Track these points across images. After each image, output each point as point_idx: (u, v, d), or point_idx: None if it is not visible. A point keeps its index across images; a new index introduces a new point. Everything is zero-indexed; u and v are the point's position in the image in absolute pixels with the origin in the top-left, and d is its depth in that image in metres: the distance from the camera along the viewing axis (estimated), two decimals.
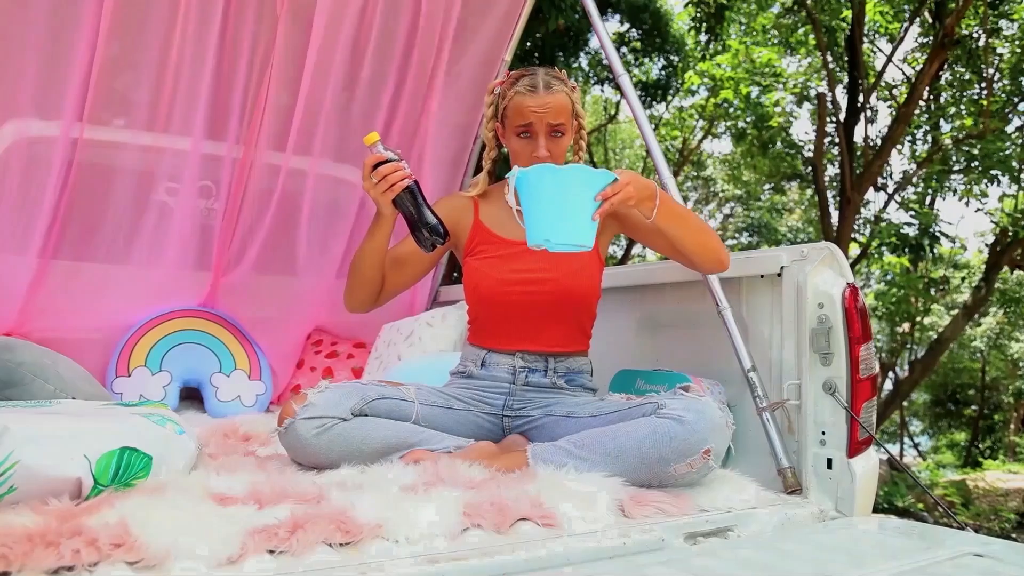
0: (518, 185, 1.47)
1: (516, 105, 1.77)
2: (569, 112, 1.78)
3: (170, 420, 1.49)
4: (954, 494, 8.74)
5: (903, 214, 9.04)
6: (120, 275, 2.63)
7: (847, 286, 1.70)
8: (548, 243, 1.47)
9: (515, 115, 1.77)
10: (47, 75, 2.40)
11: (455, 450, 1.69)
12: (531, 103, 1.74)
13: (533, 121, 1.75)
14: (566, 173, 1.46)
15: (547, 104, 1.74)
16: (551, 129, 1.76)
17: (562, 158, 1.79)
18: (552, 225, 1.46)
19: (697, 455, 1.50)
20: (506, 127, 1.83)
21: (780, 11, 9.11)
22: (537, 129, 1.75)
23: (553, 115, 1.74)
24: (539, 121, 1.74)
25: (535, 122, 1.75)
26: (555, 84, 1.77)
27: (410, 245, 1.84)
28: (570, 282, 1.80)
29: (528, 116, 1.75)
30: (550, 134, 1.76)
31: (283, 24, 2.62)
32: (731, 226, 15.47)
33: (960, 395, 14.40)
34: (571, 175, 1.46)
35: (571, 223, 1.46)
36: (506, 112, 1.81)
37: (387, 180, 1.66)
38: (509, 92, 1.79)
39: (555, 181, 1.45)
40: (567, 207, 1.46)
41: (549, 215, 1.46)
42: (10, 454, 1.15)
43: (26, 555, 0.97)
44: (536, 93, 1.75)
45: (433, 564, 1.12)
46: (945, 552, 1.28)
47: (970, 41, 7.75)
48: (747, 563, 1.20)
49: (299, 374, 2.93)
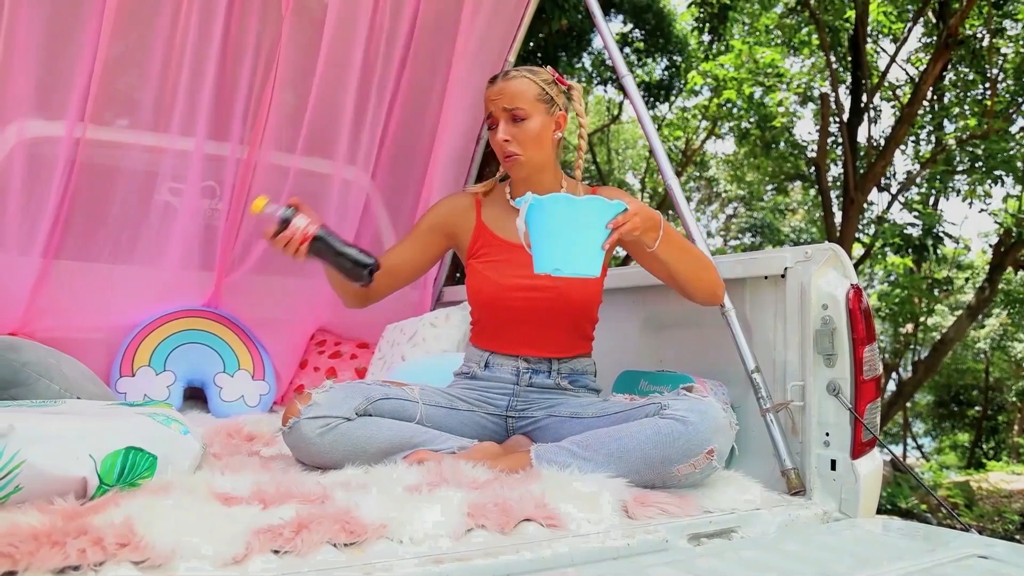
0: (529, 212, 1.46)
1: (484, 99, 1.83)
2: (530, 96, 1.77)
3: (175, 420, 1.50)
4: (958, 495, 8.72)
5: (907, 214, 9.03)
6: (124, 275, 2.64)
7: (851, 287, 1.69)
8: (557, 271, 1.46)
9: (485, 108, 1.83)
10: (51, 75, 2.41)
11: (459, 450, 1.69)
12: (488, 93, 1.80)
13: (492, 110, 1.79)
14: (580, 205, 1.45)
15: (501, 90, 1.77)
16: (509, 115, 1.76)
17: (529, 143, 1.78)
18: (563, 255, 1.46)
19: (700, 455, 1.50)
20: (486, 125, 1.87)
21: (783, 11, 9.11)
22: (496, 116, 1.78)
23: (508, 99, 1.76)
24: (496, 108, 1.78)
25: (493, 110, 1.78)
26: (514, 72, 1.80)
27: (402, 254, 1.90)
28: (572, 289, 1.80)
29: (488, 106, 1.80)
30: (510, 120, 1.77)
31: (288, 24, 2.63)
32: (734, 227, 15.46)
33: (964, 396, 14.37)
34: (585, 207, 1.45)
35: (581, 253, 1.46)
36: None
37: (290, 247, 1.66)
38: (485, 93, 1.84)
39: (569, 212, 1.44)
40: (578, 237, 1.45)
41: (560, 245, 1.45)
42: (16, 453, 1.15)
43: (32, 554, 0.97)
44: (494, 83, 1.80)
45: (437, 564, 1.12)
46: (949, 554, 1.28)
47: (974, 41, 7.74)
48: (751, 564, 1.20)
49: (302, 374, 2.93)
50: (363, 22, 2.76)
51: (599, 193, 1.85)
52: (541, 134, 1.79)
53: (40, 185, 2.45)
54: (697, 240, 1.92)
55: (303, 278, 2.90)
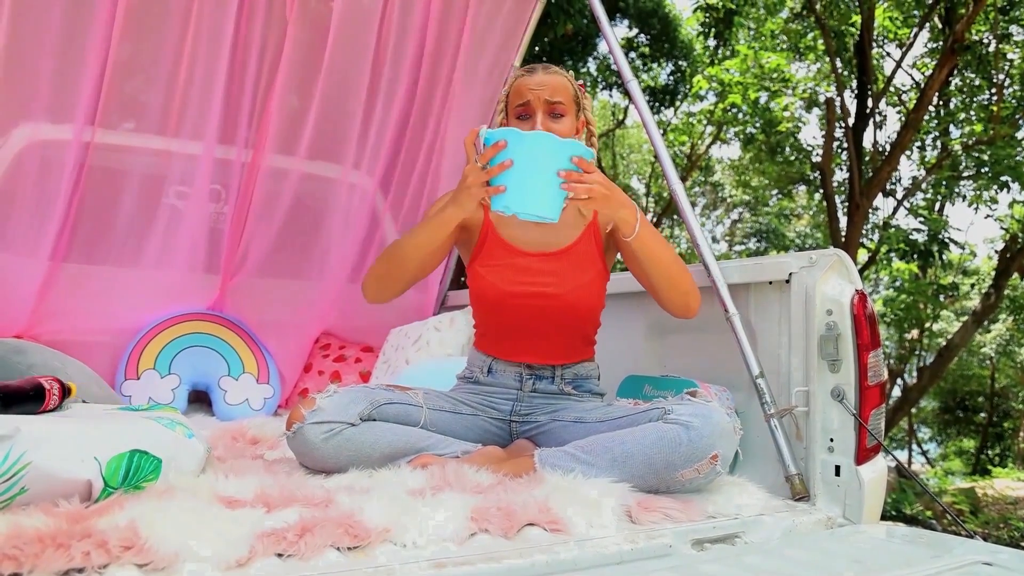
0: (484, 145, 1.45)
1: (516, 88, 1.77)
2: (569, 94, 1.76)
3: (179, 424, 1.50)
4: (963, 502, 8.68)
5: (912, 220, 9.01)
6: (130, 278, 2.65)
7: (856, 293, 1.69)
8: (507, 209, 1.44)
9: (515, 97, 1.77)
10: (60, 79, 2.42)
11: (463, 455, 1.69)
12: (528, 81, 1.75)
13: (530, 99, 1.73)
14: (532, 137, 1.44)
15: (544, 82, 1.73)
16: (549, 108, 1.73)
17: None
18: (513, 191, 1.44)
19: (704, 460, 1.49)
20: (508, 115, 1.80)
21: (789, 16, 9.11)
22: (535, 107, 1.73)
23: (550, 92, 1.72)
24: (536, 99, 1.72)
25: (532, 100, 1.73)
26: (554, 68, 1.78)
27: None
28: (574, 296, 1.79)
29: (525, 94, 1.73)
30: (549, 113, 1.73)
31: (292, 28, 2.64)
32: (739, 231, 15.45)
33: (969, 402, 14.31)
34: (537, 139, 1.44)
35: (534, 191, 1.44)
36: (508, 100, 1.80)
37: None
38: (512, 81, 1.81)
39: (519, 144, 1.42)
40: (530, 173, 1.43)
41: (511, 180, 1.44)
42: (22, 455, 1.15)
43: (37, 556, 0.98)
44: (534, 74, 1.76)
45: (441, 568, 1.12)
46: (954, 560, 1.27)
47: (980, 47, 7.72)
48: (754, 570, 1.20)
49: (307, 378, 2.94)
50: (370, 28, 2.77)
51: None
52: (569, 135, 1.76)
53: (48, 188, 2.46)
54: (701, 244, 1.92)
55: (308, 282, 2.91)
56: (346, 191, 2.91)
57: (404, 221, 3.14)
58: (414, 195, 3.12)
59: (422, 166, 3.09)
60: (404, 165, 3.08)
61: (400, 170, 3.08)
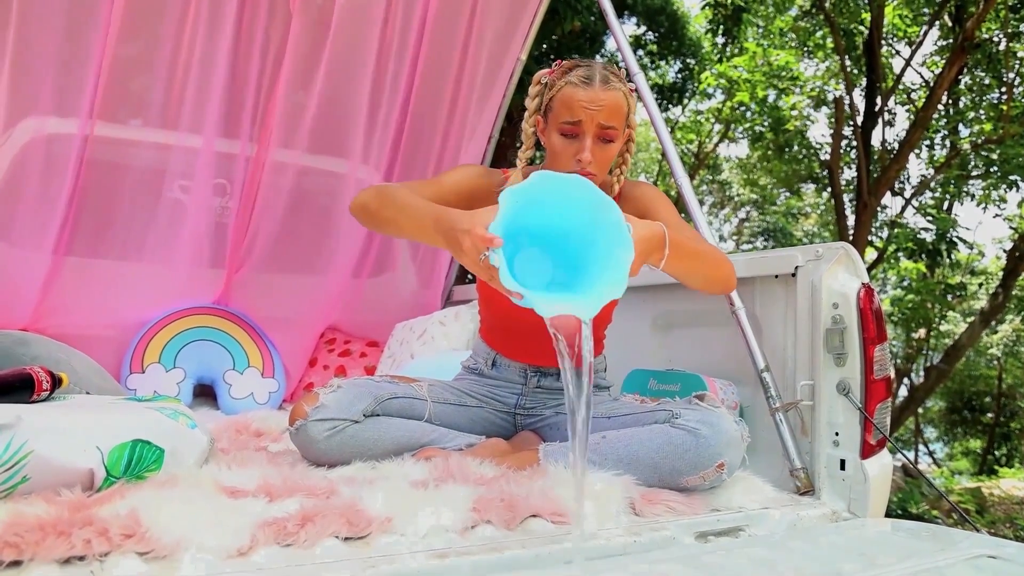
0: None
1: (565, 97, 1.54)
2: (624, 116, 1.57)
3: (183, 414, 1.50)
4: (969, 501, 8.64)
5: (920, 219, 8.98)
6: (134, 272, 2.65)
7: (862, 286, 1.68)
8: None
9: (562, 108, 1.54)
10: (63, 73, 2.43)
11: (467, 448, 1.68)
12: (583, 96, 1.52)
13: (583, 118, 1.52)
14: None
15: (601, 101, 1.52)
16: (601, 131, 1.54)
17: (605, 166, 1.59)
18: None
19: (710, 468, 1.47)
20: (549, 122, 1.59)
21: (798, 14, 9.07)
22: (586, 128, 1.53)
23: (606, 115, 1.53)
24: (589, 120, 1.52)
25: (584, 120, 1.52)
26: (613, 80, 1.55)
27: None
28: None
29: (577, 112, 1.52)
30: (599, 137, 1.55)
31: (296, 22, 2.64)
32: (746, 230, 15.41)
33: (976, 402, 14.24)
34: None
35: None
36: (552, 104, 1.57)
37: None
38: (559, 82, 1.56)
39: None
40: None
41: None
42: (24, 444, 1.15)
43: (37, 544, 0.97)
44: (591, 86, 1.53)
45: (442, 559, 1.11)
46: (959, 553, 1.26)
47: (990, 45, 7.68)
48: (759, 561, 1.19)
49: (312, 372, 2.94)
50: (375, 22, 2.77)
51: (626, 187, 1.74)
52: (613, 158, 1.61)
53: (51, 182, 2.47)
54: (707, 239, 1.90)
55: (313, 276, 2.91)
56: (351, 185, 2.90)
57: None
58: None
59: (427, 160, 3.09)
60: (409, 159, 3.08)
61: (405, 164, 3.08)
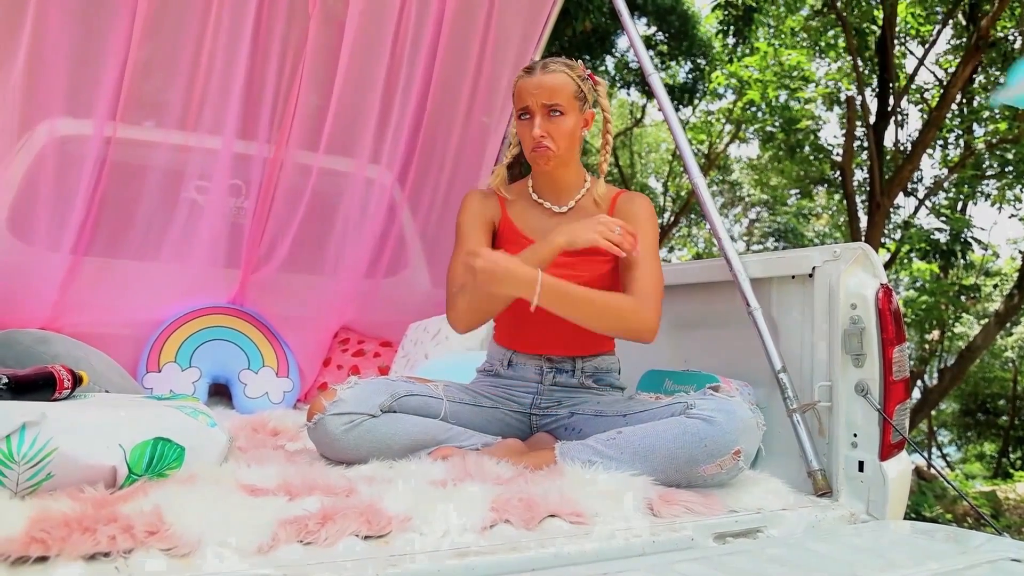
0: None
1: (517, 89, 1.78)
2: (568, 93, 1.75)
3: (202, 413, 1.51)
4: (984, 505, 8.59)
5: (934, 219, 8.92)
6: (151, 272, 2.67)
7: (880, 287, 1.67)
8: None
9: (516, 99, 1.79)
10: (82, 75, 2.45)
11: (483, 447, 1.69)
12: (527, 83, 1.75)
13: (529, 103, 1.74)
14: None
15: (541, 83, 1.73)
16: (547, 109, 1.73)
17: (562, 139, 1.76)
18: None
19: (727, 456, 1.48)
20: (513, 115, 1.84)
21: (809, 13, 9.03)
22: (533, 109, 1.74)
23: (547, 94, 1.73)
24: (534, 102, 1.74)
25: (530, 103, 1.74)
26: (553, 66, 1.76)
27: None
28: (592, 286, 1.78)
29: (525, 98, 1.75)
30: (547, 114, 1.74)
31: (315, 24, 2.65)
32: (757, 231, 15.36)
33: (990, 405, 14.13)
34: None
35: None
36: (514, 100, 1.81)
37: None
38: (516, 81, 1.80)
39: None
40: None
41: None
42: (48, 441, 1.17)
43: (64, 540, 0.99)
44: (532, 74, 1.76)
45: (462, 558, 1.12)
46: (980, 556, 1.25)
47: (1005, 43, 7.63)
48: (778, 561, 1.19)
49: (326, 372, 2.95)
50: (389, 22, 2.78)
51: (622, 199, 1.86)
52: (573, 131, 1.77)
53: (70, 183, 2.49)
54: (723, 238, 1.90)
55: (327, 276, 2.92)
56: (365, 186, 2.91)
57: (421, 215, 3.15)
58: (432, 190, 3.13)
59: (441, 161, 3.10)
60: (425, 160, 3.09)
61: (421, 165, 3.08)
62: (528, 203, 1.87)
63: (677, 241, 15.34)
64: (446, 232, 3.13)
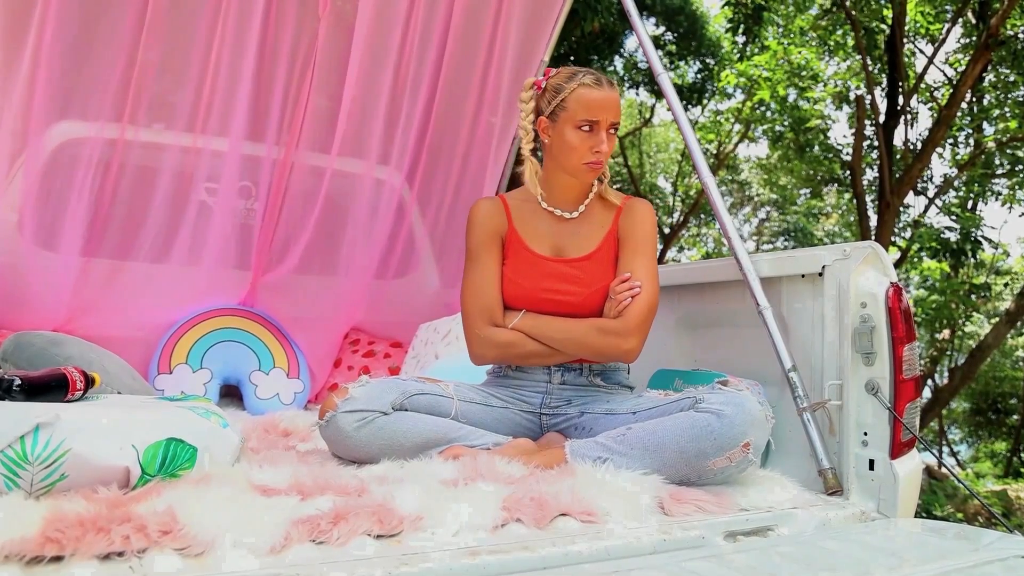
0: None
1: (582, 98, 1.75)
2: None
3: (214, 413, 1.52)
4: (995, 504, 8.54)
5: (944, 218, 8.88)
6: (161, 274, 2.68)
7: (891, 285, 1.67)
8: None
9: (579, 107, 1.75)
10: (92, 79, 2.46)
11: (493, 447, 1.69)
12: (598, 96, 1.75)
13: (600, 118, 1.76)
14: None
15: (612, 100, 1.77)
16: (611, 127, 1.78)
17: (609, 155, 1.83)
18: None
19: (736, 448, 1.49)
20: (560, 120, 1.78)
21: (818, 12, 9.01)
22: (602, 124, 1.76)
23: (615, 112, 1.77)
24: (604, 118, 1.76)
25: (602, 119, 1.76)
26: (613, 82, 1.82)
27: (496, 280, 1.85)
28: (599, 298, 1.80)
29: (595, 111, 1.75)
30: (609, 130, 1.78)
31: (324, 27, 2.66)
32: (766, 231, 15.32)
33: (1001, 404, 14.05)
34: None
35: None
36: (565, 104, 1.76)
37: None
38: (570, 84, 1.77)
39: None
40: None
41: None
42: (62, 442, 1.18)
43: (78, 540, 1.00)
44: (602, 87, 1.77)
45: (474, 557, 1.12)
46: (992, 554, 1.25)
47: (1015, 42, 7.59)
48: (789, 559, 1.19)
49: (336, 373, 2.96)
50: (397, 24, 2.79)
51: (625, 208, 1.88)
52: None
53: (80, 186, 2.50)
54: (732, 237, 1.90)
55: (337, 277, 2.93)
56: (375, 187, 2.92)
57: (431, 216, 3.16)
58: (442, 191, 3.13)
59: (450, 162, 3.10)
60: (432, 161, 3.09)
61: (428, 166, 3.09)
62: (534, 209, 1.88)
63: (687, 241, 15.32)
64: (455, 232, 3.13)
